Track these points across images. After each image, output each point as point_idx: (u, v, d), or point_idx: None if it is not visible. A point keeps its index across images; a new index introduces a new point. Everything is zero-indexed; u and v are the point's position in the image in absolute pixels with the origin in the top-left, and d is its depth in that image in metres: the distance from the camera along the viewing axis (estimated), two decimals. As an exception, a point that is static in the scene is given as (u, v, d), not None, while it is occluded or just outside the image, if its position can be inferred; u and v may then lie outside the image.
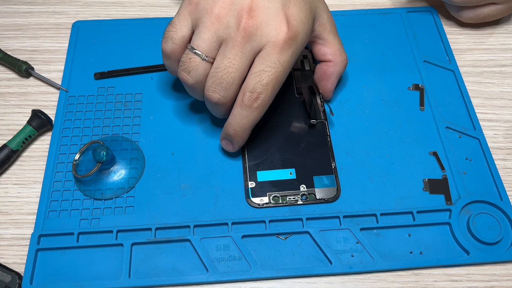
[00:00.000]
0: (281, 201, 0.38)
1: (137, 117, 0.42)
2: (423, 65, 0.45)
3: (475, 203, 0.38)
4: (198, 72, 0.34)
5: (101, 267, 0.35)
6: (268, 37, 0.33)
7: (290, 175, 0.39)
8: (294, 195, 0.38)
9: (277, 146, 0.40)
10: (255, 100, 0.33)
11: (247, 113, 0.34)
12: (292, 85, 0.43)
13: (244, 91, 0.34)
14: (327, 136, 0.40)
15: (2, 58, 0.45)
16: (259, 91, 0.33)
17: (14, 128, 0.42)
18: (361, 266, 0.35)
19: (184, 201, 0.38)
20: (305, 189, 0.38)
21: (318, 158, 0.39)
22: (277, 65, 0.33)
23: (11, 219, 0.38)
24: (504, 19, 0.50)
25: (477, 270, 0.36)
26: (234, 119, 0.35)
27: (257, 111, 0.34)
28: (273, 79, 0.33)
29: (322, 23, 0.38)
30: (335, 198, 0.38)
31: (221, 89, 0.34)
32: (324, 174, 0.39)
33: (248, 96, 0.33)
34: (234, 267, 0.35)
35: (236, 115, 0.35)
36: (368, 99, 0.43)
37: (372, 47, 0.46)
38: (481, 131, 0.41)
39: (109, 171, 0.39)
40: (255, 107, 0.34)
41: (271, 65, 0.33)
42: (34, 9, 0.50)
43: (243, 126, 0.35)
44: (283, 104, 0.42)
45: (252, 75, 0.33)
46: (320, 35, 0.38)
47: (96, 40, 0.46)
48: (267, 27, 0.33)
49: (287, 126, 0.41)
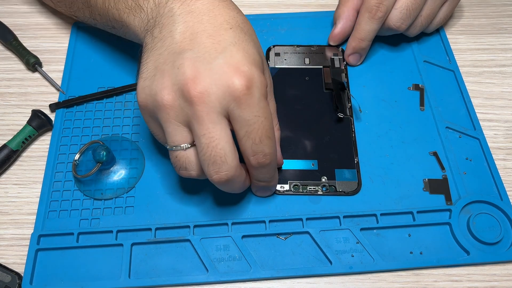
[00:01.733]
0: (301, 190, 0.38)
1: (137, 117, 0.42)
2: (423, 65, 0.45)
3: (475, 203, 0.38)
4: (191, 162, 0.32)
5: (101, 267, 0.35)
6: (225, 97, 0.29)
7: (312, 166, 0.39)
8: (315, 186, 0.38)
9: (302, 137, 0.41)
10: (264, 159, 0.31)
11: (266, 169, 0.33)
12: (321, 81, 0.44)
13: (248, 158, 0.31)
14: (351, 132, 0.41)
15: (15, 47, 0.45)
16: (261, 150, 0.31)
17: (14, 128, 0.42)
18: (361, 266, 0.35)
19: (184, 201, 0.38)
20: (326, 180, 0.38)
21: (341, 152, 0.40)
22: (255, 119, 0.30)
23: (11, 219, 0.38)
24: (505, 19, 0.50)
25: (477, 270, 0.36)
26: (261, 176, 0.34)
27: (271, 162, 0.32)
28: (263, 132, 0.30)
29: None
30: (355, 191, 0.38)
31: (220, 165, 0.30)
32: (346, 168, 0.39)
33: (254, 160, 0.31)
34: (234, 267, 0.35)
35: (259, 174, 0.33)
36: (368, 99, 0.43)
37: (372, 47, 0.46)
38: (481, 131, 0.41)
39: (109, 171, 0.39)
40: (267, 163, 0.32)
41: (251, 123, 0.30)
42: (34, 9, 0.50)
43: (272, 175, 0.34)
44: (310, 98, 0.43)
45: (242, 141, 0.31)
46: None
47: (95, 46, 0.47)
48: (218, 87, 0.29)
49: (313, 119, 0.42)
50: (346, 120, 0.42)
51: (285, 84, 0.44)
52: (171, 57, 0.30)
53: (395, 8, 0.42)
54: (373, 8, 0.41)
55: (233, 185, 0.32)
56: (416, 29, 0.44)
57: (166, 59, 0.31)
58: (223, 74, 0.29)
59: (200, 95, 0.29)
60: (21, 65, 0.46)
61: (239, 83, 0.29)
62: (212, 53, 0.30)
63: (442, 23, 0.46)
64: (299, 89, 0.43)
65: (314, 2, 0.51)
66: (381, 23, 0.42)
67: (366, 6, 0.42)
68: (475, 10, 0.51)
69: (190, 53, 0.30)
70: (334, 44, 0.46)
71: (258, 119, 0.30)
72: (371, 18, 0.42)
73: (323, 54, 0.46)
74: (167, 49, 0.31)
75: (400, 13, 0.42)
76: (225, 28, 0.31)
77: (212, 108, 0.29)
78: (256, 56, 0.31)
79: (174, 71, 0.30)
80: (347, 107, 0.42)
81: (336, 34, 0.45)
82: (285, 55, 0.46)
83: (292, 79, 0.44)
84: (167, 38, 0.31)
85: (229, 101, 0.29)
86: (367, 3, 0.42)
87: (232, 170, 0.31)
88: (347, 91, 0.43)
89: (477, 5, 0.51)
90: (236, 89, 0.29)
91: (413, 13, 0.42)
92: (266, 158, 0.31)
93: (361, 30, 0.43)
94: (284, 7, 0.51)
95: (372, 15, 0.41)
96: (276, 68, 0.45)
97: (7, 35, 0.46)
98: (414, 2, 0.41)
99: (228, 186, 0.32)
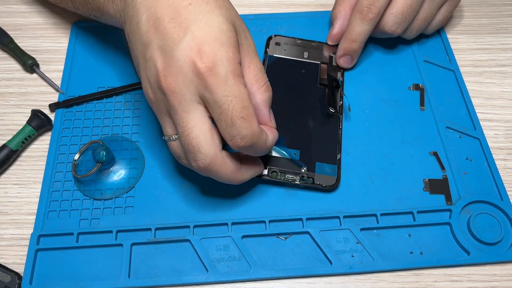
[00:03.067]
0: (279, 177, 0.38)
1: (137, 117, 0.42)
2: (423, 65, 0.45)
3: (475, 203, 0.38)
4: (181, 151, 0.32)
5: (101, 267, 0.35)
6: (192, 83, 0.29)
7: (294, 155, 0.39)
8: (293, 175, 0.38)
9: (289, 126, 0.40)
10: (242, 142, 0.30)
11: (252, 151, 0.32)
12: (317, 75, 0.44)
13: (228, 142, 0.30)
14: (338, 129, 0.41)
15: (11, 49, 0.45)
16: (236, 133, 0.30)
17: (13, 128, 0.42)
18: (361, 266, 0.35)
19: (184, 201, 0.38)
20: (305, 171, 0.38)
21: (325, 147, 0.40)
22: (224, 100, 0.29)
23: (11, 219, 0.38)
24: (505, 19, 0.50)
25: (477, 270, 0.36)
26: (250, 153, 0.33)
27: (253, 144, 0.31)
28: (234, 113, 0.29)
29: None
30: (333, 187, 0.38)
31: (194, 154, 0.30)
32: (327, 162, 0.39)
33: (233, 144, 0.30)
34: (234, 267, 0.35)
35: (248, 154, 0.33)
36: (368, 99, 0.43)
37: (372, 47, 0.46)
38: (481, 131, 0.41)
39: (109, 171, 0.38)
40: (247, 146, 0.30)
41: (220, 104, 0.29)
42: (34, 9, 0.50)
43: (263, 152, 0.33)
44: (304, 91, 0.43)
45: (218, 125, 0.30)
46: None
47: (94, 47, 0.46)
48: (184, 74, 0.29)
49: (303, 111, 0.42)
50: (335, 117, 0.41)
51: (281, 73, 0.44)
52: (143, 50, 0.31)
53: (391, 12, 0.41)
54: (364, 9, 0.41)
55: (217, 174, 0.32)
56: (413, 32, 0.44)
57: (139, 52, 0.31)
58: (186, 59, 0.29)
59: (169, 85, 0.29)
60: (19, 66, 0.46)
61: (201, 65, 0.29)
62: (175, 38, 0.29)
63: (441, 25, 0.46)
64: (294, 80, 0.43)
65: (314, 2, 0.51)
66: (373, 25, 0.42)
67: (358, 7, 0.41)
68: (475, 10, 0.51)
69: (156, 42, 0.30)
70: (332, 44, 0.46)
71: (227, 99, 0.29)
72: (362, 19, 0.41)
73: (322, 51, 0.46)
74: (139, 41, 0.31)
75: (396, 17, 0.41)
76: (184, 6, 0.30)
77: (183, 96, 0.29)
78: (223, 25, 0.30)
79: (147, 65, 0.31)
80: (338, 104, 0.42)
81: (334, 34, 0.45)
82: (285, 45, 0.46)
83: (289, 69, 0.44)
84: (136, 31, 0.32)
85: (197, 85, 0.29)
86: (358, 4, 0.41)
87: (207, 159, 0.30)
88: (341, 89, 0.43)
89: (477, 5, 0.51)
90: (199, 72, 0.29)
91: (409, 17, 0.42)
92: (244, 141, 0.30)
93: (353, 31, 0.42)
94: (284, 7, 0.51)
95: (363, 16, 0.41)
96: (274, 56, 0.45)
97: (2, 37, 0.46)
98: (409, 7, 0.41)
99: (211, 174, 0.32)
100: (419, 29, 0.44)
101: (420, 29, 0.44)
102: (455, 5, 0.45)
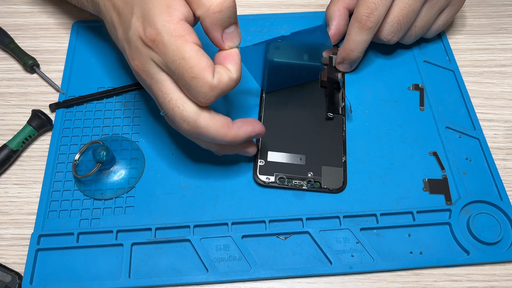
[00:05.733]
0: (287, 183, 0.38)
1: (137, 117, 0.42)
2: (423, 65, 0.45)
3: (475, 203, 0.38)
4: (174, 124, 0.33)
5: (101, 267, 0.35)
6: (149, 56, 0.30)
7: (300, 160, 0.39)
8: (300, 180, 0.38)
9: (293, 131, 0.41)
10: (205, 100, 0.30)
11: (228, 89, 0.31)
12: (317, 78, 0.44)
13: (200, 102, 0.31)
14: (342, 131, 0.41)
15: (12, 49, 0.45)
16: (197, 93, 0.30)
17: (14, 128, 0.42)
18: (361, 266, 0.35)
19: (184, 201, 0.38)
20: (312, 176, 0.38)
21: (330, 150, 0.40)
22: (173, 64, 0.29)
23: (11, 219, 0.38)
24: (505, 19, 0.50)
25: (477, 270, 0.36)
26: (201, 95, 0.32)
27: (218, 85, 0.30)
28: (185, 74, 0.29)
29: None
30: (339, 190, 0.38)
31: (180, 116, 0.31)
32: (333, 165, 0.39)
33: (204, 100, 0.30)
34: (234, 267, 0.35)
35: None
36: (368, 99, 0.43)
37: (371, 47, 0.46)
38: (481, 131, 0.41)
39: (109, 171, 0.39)
40: (211, 101, 0.31)
41: (173, 70, 0.30)
42: (34, 9, 0.50)
43: (234, 84, 0.32)
44: (305, 94, 0.43)
45: (184, 90, 0.31)
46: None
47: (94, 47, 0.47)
48: (140, 51, 0.30)
49: (306, 115, 0.42)
50: (338, 118, 0.41)
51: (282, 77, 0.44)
52: (120, 38, 0.33)
53: (386, 22, 0.41)
54: (363, 18, 0.40)
55: (206, 130, 0.31)
56: (411, 38, 0.44)
57: (119, 38, 0.33)
58: (137, 38, 0.30)
59: (137, 67, 0.31)
60: (19, 67, 0.46)
61: (146, 39, 0.30)
62: (128, 21, 0.31)
63: (441, 29, 0.45)
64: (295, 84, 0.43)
65: (314, 2, 0.51)
66: (372, 34, 0.41)
67: (356, 16, 0.40)
68: (475, 10, 0.51)
69: (120, 29, 0.32)
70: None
71: (176, 63, 0.29)
72: (361, 29, 0.40)
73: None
74: (117, 30, 0.33)
75: (392, 27, 0.41)
76: None
77: (149, 72, 0.31)
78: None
79: (124, 54, 0.33)
80: (340, 106, 0.42)
81: (331, 35, 0.44)
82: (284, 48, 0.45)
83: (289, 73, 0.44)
84: (108, 21, 0.34)
85: (153, 58, 0.30)
86: (357, 13, 0.40)
87: (193, 116, 0.31)
88: (342, 91, 0.43)
89: (477, 5, 0.51)
90: (149, 46, 0.30)
91: (405, 26, 0.41)
92: (206, 99, 0.30)
93: (351, 41, 0.41)
94: (284, 7, 0.51)
95: (362, 25, 0.40)
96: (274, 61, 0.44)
97: (3, 37, 0.46)
98: (405, 16, 0.40)
99: (201, 133, 0.32)
100: (417, 36, 0.44)
101: (418, 35, 0.44)
102: (456, 11, 0.44)
